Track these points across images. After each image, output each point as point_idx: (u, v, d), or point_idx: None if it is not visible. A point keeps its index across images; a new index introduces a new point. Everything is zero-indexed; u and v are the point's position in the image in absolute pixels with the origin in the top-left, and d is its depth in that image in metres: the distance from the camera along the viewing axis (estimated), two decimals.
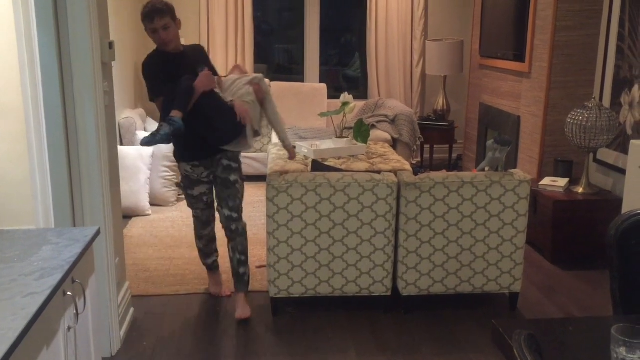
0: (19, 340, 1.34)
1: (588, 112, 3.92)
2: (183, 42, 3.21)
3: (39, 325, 1.50)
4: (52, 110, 2.66)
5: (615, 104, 4.13)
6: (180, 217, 4.84)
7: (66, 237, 1.93)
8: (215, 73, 3.22)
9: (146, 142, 2.92)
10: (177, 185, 5.06)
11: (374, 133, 5.45)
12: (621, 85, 4.09)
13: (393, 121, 5.79)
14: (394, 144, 5.64)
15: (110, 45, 2.95)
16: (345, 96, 4.78)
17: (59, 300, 1.68)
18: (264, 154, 5.78)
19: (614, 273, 1.82)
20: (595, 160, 4.30)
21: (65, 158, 2.72)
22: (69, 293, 1.75)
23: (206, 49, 6.32)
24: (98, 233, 2.03)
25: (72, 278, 1.79)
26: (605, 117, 3.90)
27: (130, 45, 5.70)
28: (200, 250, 3.53)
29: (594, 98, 4.06)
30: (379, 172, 3.55)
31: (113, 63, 3.10)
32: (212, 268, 3.56)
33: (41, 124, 2.04)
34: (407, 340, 3.10)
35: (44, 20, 2.58)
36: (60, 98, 2.68)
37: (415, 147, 5.89)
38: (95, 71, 2.71)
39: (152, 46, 3.16)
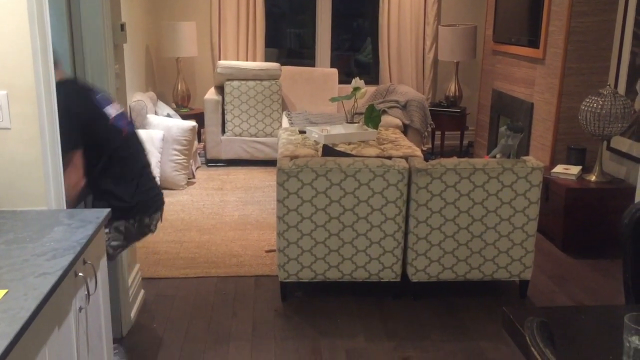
0: (30, 319, 1.35)
1: (602, 99, 3.88)
2: None
3: (50, 306, 1.51)
4: None
5: (631, 91, 4.07)
6: (190, 200, 4.85)
7: (78, 219, 1.93)
8: None
9: None
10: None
11: (385, 119, 5.41)
12: (637, 72, 4.03)
13: (404, 107, 5.75)
14: (405, 130, 5.61)
15: (122, 27, 2.94)
16: (357, 81, 4.74)
17: (70, 280, 1.69)
18: (274, 138, 5.77)
19: (626, 262, 1.81)
20: (609, 148, 4.26)
21: None
22: (80, 274, 1.76)
23: (217, 32, 6.29)
24: (109, 215, 2.04)
25: (84, 259, 1.80)
26: (620, 104, 3.85)
27: (141, 27, 5.69)
28: None
29: (609, 85, 4.01)
30: (389, 157, 3.53)
31: (124, 45, 3.09)
32: None
33: (53, 106, 2.04)
34: (416, 327, 3.10)
35: (56, 2, 2.57)
36: None
37: (426, 133, 5.86)
38: (107, 53, 2.71)
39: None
